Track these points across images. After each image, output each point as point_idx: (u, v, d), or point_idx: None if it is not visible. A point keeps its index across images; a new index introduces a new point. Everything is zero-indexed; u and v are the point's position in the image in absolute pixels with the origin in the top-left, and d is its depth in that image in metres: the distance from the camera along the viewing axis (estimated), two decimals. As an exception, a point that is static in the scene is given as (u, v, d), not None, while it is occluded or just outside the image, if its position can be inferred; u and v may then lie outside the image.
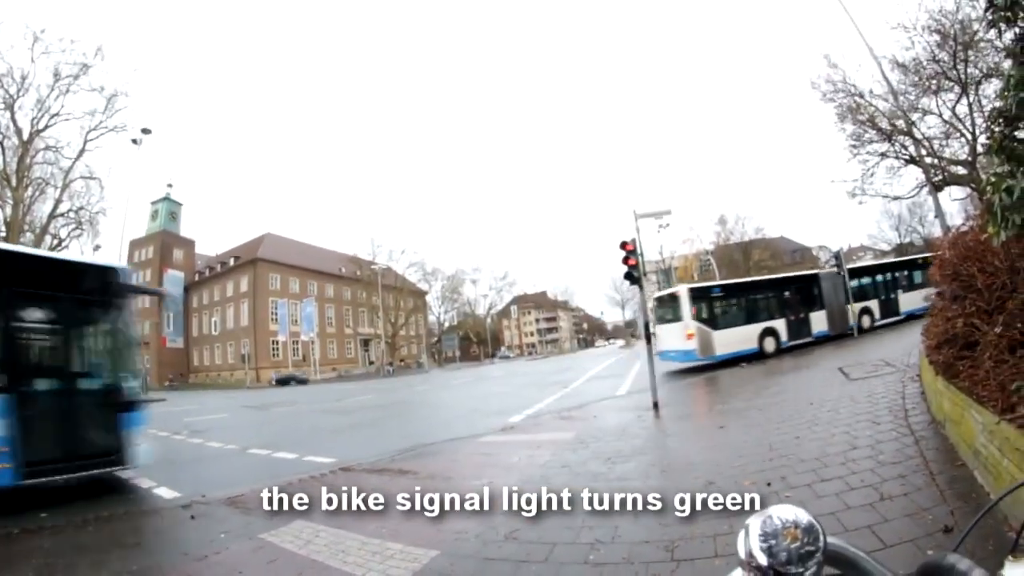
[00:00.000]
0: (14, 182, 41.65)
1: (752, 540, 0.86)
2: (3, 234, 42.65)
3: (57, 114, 42.23)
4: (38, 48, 41.60)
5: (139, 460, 8.07)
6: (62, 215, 45.21)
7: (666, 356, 20.30)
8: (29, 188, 43.15)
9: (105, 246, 43.36)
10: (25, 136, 41.75)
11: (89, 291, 8.20)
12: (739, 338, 19.37)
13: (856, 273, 22.96)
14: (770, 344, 19.79)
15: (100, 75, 64.31)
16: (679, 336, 19.27)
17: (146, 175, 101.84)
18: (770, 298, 20.99)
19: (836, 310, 21.04)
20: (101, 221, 52.34)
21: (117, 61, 64.65)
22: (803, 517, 0.87)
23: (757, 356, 19.27)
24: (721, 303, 20.24)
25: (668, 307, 20.54)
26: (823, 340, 20.39)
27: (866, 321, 21.65)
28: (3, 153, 41.15)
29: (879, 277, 22.98)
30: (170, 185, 74.86)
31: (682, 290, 20.03)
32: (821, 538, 0.86)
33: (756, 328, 19.82)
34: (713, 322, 19.44)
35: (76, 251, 39.01)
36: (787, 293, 21.29)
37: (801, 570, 0.84)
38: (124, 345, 8.66)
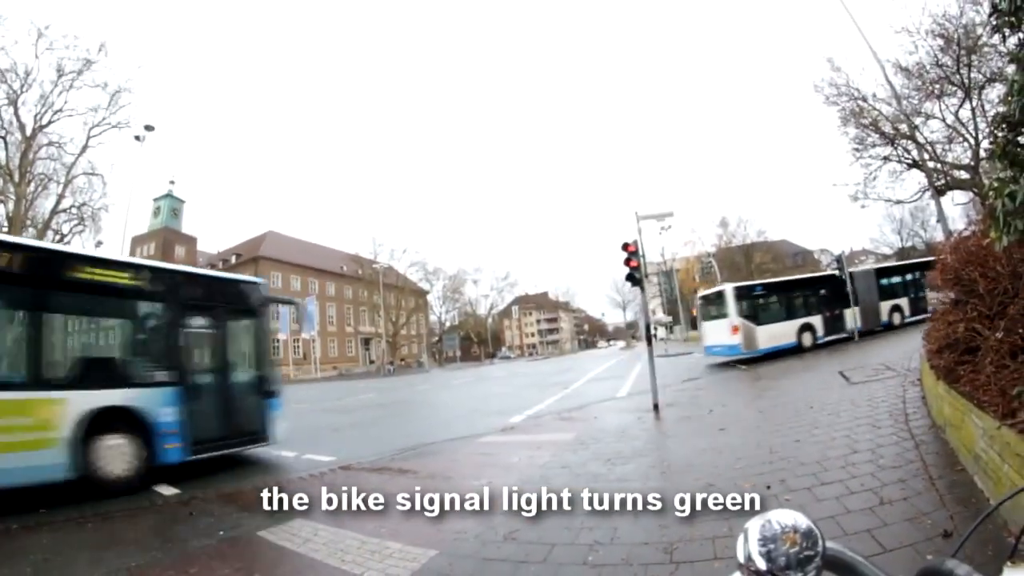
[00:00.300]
0: (16, 177, 41.70)
1: (751, 544, 0.86)
2: (5, 229, 42.76)
3: (60, 110, 42.22)
4: (42, 44, 41.61)
5: (278, 437, 9.88)
6: (64, 211, 45.20)
7: (712, 351, 21.68)
8: (32, 183, 43.16)
9: (107, 242, 43.40)
10: (28, 132, 41.74)
11: (239, 301, 10.07)
12: (779, 333, 20.34)
13: (887, 272, 23.98)
14: (807, 339, 20.69)
15: (103, 71, 64.33)
16: (725, 331, 20.37)
17: (149, 172, 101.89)
18: (807, 296, 21.82)
19: (868, 307, 21.93)
20: (103, 217, 52.37)
21: (120, 58, 64.76)
22: (802, 522, 0.87)
23: (796, 350, 20.10)
24: (763, 300, 21.10)
25: (714, 304, 21.70)
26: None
27: (896, 318, 22.49)
28: (6, 148, 41.14)
29: (908, 276, 23.67)
30: (172, 182, 74.84)
31: (728, 288, 20.96)
32: (820, 543, 0.86)
33: (795, 324, 20.76)
34: (756, 318, 20.30)
35: (78, 247, 39.01)
36: (823, 291, 22.00)
37: (800, 575, 0.83)
38: (265, 344, 10.58)
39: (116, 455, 7.55)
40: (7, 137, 40.79)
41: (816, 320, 21.15)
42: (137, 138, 35.96)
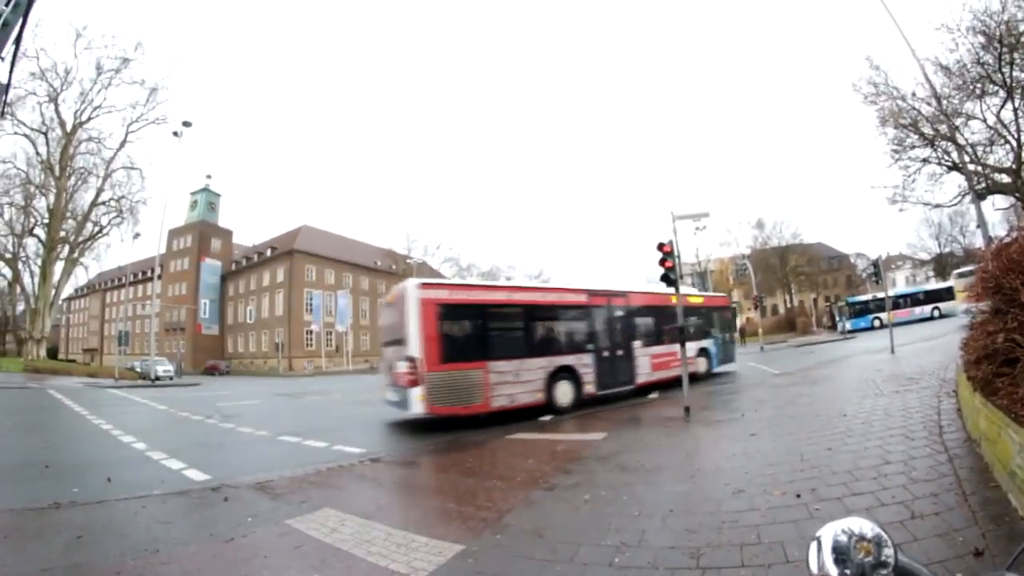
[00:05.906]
0: (57, 171, 42.92)
1: (825, 554, 0.85)
2: (46, 220, 44.05)
3: (99, 107, 43.42)
4: (80, 44, 42.92)
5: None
6: (103, 203, 46.48)
7: None
8: (72, 177, 44.41)
9: (145, 235, 44.59)
10: (68, 128, 42.92)
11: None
12: None
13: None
14: None
15: (141, 69, 66.14)
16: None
17: (186, 166, 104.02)
18: None
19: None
20: (141, 210, 53.81)
21: (158, 55, 66.44)
22: (872, 530, 0.86)
23: None
24: None
25: None
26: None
27: None
28: (47, 144, 42.45)
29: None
30: (209, 176, 76.39)
31: None
32: (892, 552, 0.85)
33: None
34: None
35: (116, 238, 39.95)
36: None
37: None
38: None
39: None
40: (48, 133, 42.06)
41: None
42: (175, 134, 36.65)
